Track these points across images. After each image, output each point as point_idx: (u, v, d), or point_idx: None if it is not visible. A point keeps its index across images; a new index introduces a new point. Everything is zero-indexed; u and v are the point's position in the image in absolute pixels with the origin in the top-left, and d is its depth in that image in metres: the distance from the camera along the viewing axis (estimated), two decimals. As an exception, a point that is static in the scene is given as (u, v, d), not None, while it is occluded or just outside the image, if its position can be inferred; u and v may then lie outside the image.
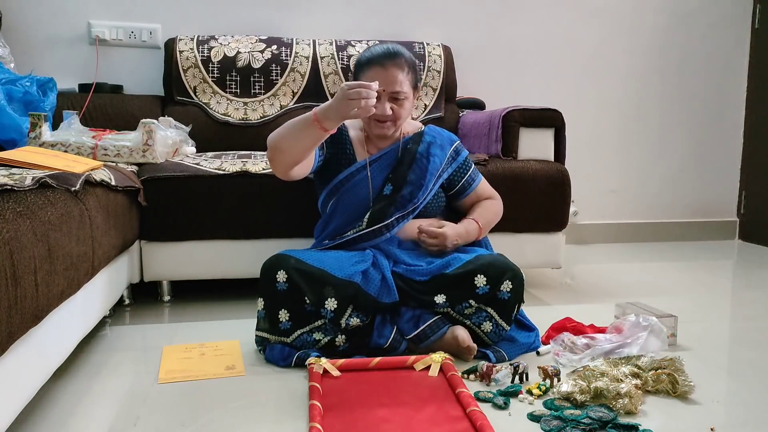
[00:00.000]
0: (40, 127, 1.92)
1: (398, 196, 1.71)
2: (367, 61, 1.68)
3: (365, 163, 1.74)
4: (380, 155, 1.75)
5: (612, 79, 3.25)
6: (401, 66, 1.67)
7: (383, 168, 1.74)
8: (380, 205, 1.70)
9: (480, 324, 1.57)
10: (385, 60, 1.66)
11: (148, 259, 2.01)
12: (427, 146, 1.77)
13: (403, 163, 1.74)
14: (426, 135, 1.80)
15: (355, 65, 1.74)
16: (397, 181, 1.72)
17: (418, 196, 1.71)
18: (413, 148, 1.76)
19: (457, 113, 2.76)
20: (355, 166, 1.74)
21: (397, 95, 1.67)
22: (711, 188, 3.45)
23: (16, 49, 2.52)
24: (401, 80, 1.67)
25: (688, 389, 1.34)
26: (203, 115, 2.52)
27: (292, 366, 1.48)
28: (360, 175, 1.73)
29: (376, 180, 1.73)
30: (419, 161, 1.74)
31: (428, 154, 1.76)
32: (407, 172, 1.73)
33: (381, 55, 1.67)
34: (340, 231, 1.72)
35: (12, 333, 0.95)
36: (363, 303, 1.51)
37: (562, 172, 2.23)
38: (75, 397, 1.33)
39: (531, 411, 1.26)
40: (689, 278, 2.57)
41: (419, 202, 1.72)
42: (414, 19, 2.95)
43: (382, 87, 1.64)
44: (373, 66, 1.66)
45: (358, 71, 1.71)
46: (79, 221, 1.28)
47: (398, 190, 1.71)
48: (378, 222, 1.69)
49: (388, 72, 1.65)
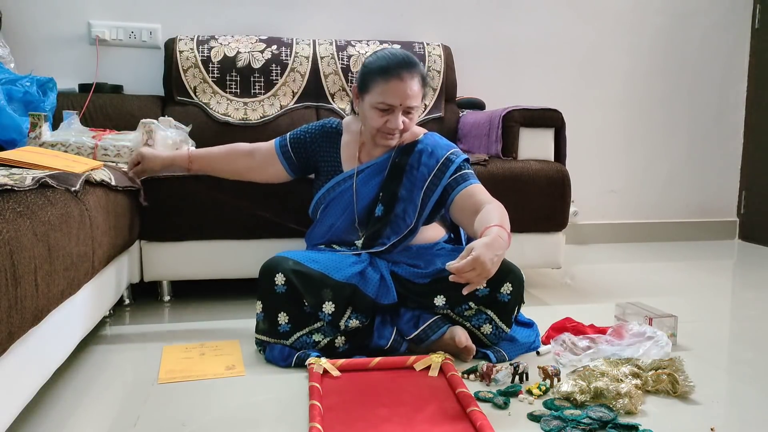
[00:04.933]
0: (40, 127, 1.92)
1: (392, 216, 1.65)
2: (384, 71, 1.57)
3: (353, 173, 1.70)
4: (368, 165, 1.70)
5: (612, 79, 3.25)
6: (418, 78, 1.59)
7: (370, 178, 1.69)
8: (374, 228, 1.66)
9: (480, 326, 1.56)
10: (403, 72, 1.56)
11: (148, 259, 2.01)
12: (418, 155, 1.67)
13: (391, 178, 1.67)
14: (419, 143, 1.69)
15: (366, 70, 1.63)
16: (388, 200, 1.65)
17: (411, 214, 1.64)
18: (403, 161, 1.67)
19: (457, 113, 2.76)
20: (342, 176, 1.70)
21: (410, 109, 1.60)
22: (711, 188, 3.45)
23: (16, 49, 2.52)
24: (417, 93, 1.59)
25: (688, 389, 1.34)
26: (203, 115, 2.52)
27: (292, 366, 1.48)
28: (345, 185, 1.69)
29: (363, 190, 1.68)
30: (409, 173, 1.66)
31: (419, 164, 1.66)
32: (398, 187, 1.66)
33: (399, 65, 1.57)
34: (328, 240, 1.71)
35: (12, 333, 0.95)
36: (362, 304, 1.51)
37: (562, 172, 2.23)
38: (75, 397, 1.33)
39: (531, 411, 1.26)
40: (689, 278, 2.57)
41: (411, 221, 1.64)
42: (414, 19, 2.95)
43: (399, 101, 1.57)
44: (391, 78, 1.56)
45: (370, 78, 1.60)
46: (79, 221, 1.28)
47: (391, 210, 1.65)
48: (372, 246, 1.65)
49: (406, 85, 1.56)
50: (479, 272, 1.30)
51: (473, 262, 1.29)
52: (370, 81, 1.61)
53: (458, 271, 1.30)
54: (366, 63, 1.66)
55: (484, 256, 1.30)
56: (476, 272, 1.30)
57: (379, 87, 1.58)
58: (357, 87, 1.67)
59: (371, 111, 1.62)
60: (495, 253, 1.33)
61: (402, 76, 1.57)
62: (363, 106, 1.65)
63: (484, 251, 1.30)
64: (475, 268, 1.29)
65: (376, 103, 1.59)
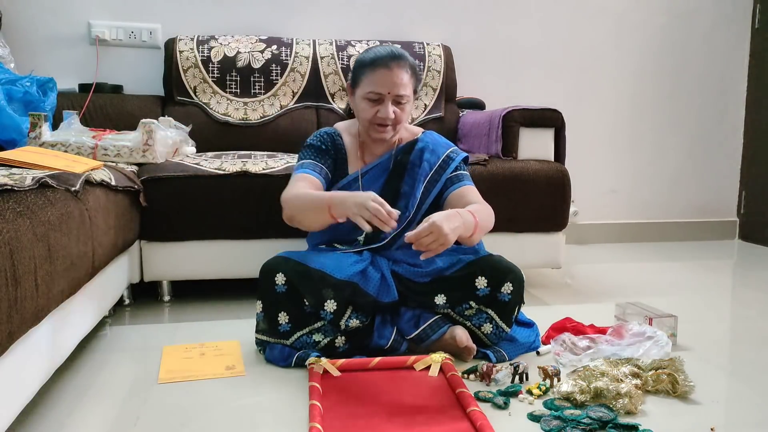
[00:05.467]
0: (40, 127, 1.92)
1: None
2: (372, 62, 1.63)
3: (357, 175, 1.71)
4: (372, 166, 1.72)
5: (612, 79, 3.25)
6: (406, 69, 1.64)
7: (375, 178, 1.71)
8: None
9: (480, 325, 1.56)
10: (390, 62, 1.62)
11: (148, 259, 2.01)
12: (419, 153, 1.72)
13: (394, 176, 1.70)
14: (419, 142, 1.74)
15: (356, 65, 1.69)
16: (391, 196, 1.66)
17: (410, 207, 1.66)
18: (405, 159, 1.71)
19: (457, 113, 2.76)
20: (347, 179, 1.71)
21: (400, 99, 1.64)
22: (711, 188, 3.45)
23: (16, 49, 2.52)
24: (406, 83, 1.63)
25: (688, 389, 1.34)
26: (203, 115, 2.52)
27: (292, 366, 1.48)
28: (352, 188, 1.69)
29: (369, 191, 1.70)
30: (411, 170, 1.70)
31: (420, 161, 1.70)
32: (400, 184, 1.69)
33: (386, 56, 1.63)
34: (330, 240, 1.71)
35: (12, 333, 0.95)
36: (362, 303, 1.51)
37: (562, 172, 2.23)
38: (75, 397, 1.33)
39: (531, 411, 1.26)
40: (689, 278, 2.57)
41: (410, 212, 1.67)
42: (414, 19, 2.95)
43: (387, 90, 1.61)
44: (378, 67, 1.62)
45: (360, 71, 1.66)
46: (79, 221, 1.28)
47: (393, 206, 1.62)
48: (375, 240, 1.65)
49: (394, 74, 1.61)
50: (436, 238, 1.38)
51: (429, 226, 1.38)
52: (360, 74, 1.66)
53: (417, 237, 1.39)
54: (357, 59, 1.71)
55: (440, 222, 1.39)
56: (433, 237, 1.38)
57: (367, 78, 1.63)
58: (350, 83, 1.72)
59: (362, 103, 1.65)
60: (452, 225, 1.41)
61: (389, 66, 1.62)
62: (355, 101, 1.69)
63: (440, 219, 1.40)
64: (432, 233, 1.38)
65: (366, 93, 1.64)
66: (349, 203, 1.43)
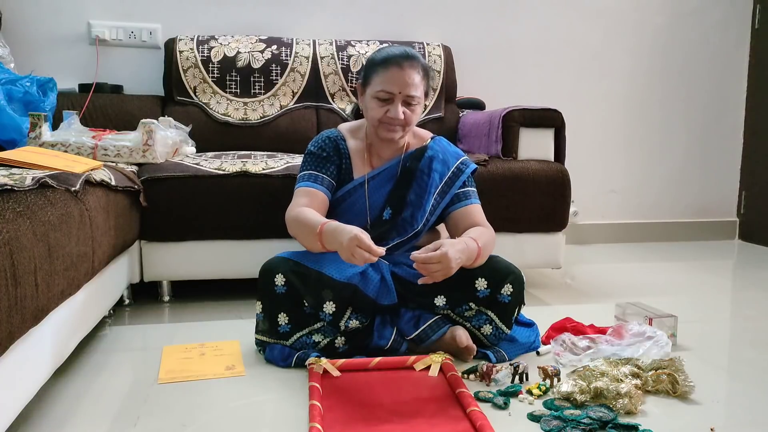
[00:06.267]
0: (40, 127, 1.92)
1: (399, 219, 1.65)
2: (384, 61, 1.60)
3: (363, 180, 1.68)
4: (379, 172, 1.69)
5: (612, 79, 3.25)
6: (418, 70, 1.60)
7: (382, 184, 1.68)
8: (381, 230, 1.65)
9: (480, 326, 1.56)
10: (403, 61, 1.59)
11: (148, 259, 2.01)
12: (429, 161, 1.67)
13: (402, 183, 1.67)
14: (429, 149, 1.70)
15: (368, 63, 1.65)
16: (396, 204, 1.65)
17: (419, 219, 1.64)
18: (413, 165, 1.67)
19: (457, 113, 2.76)
20: (353, 184, 1.68)
21: (411, 99, 1.60)
22: (711, 188, 3.46)
23: (16, 49, 2.52)
24: (417, 84, 1.60)
25: (688, 389, 1.34)
26: (203, 115, 2.52)
27: (292, 366, 1.48)
28: (357, 193, 1.68)
29: (375, 197, 1.67)
30: (419, 178, 1.66)
31: (429, 170, 1.67)
32: (407, 192, 1.66)
33: (399, 55, 1.60)
34: None
35: (12, 333, 0.95)
36: (362, 304, 1.51)
37: (562, 172, 2.23)
38: (75, 397, 1.33)
39: (531, 411, 1.26)
40: (689, 278, 2.57)
41: (418, 225, 1.65)
42: (414, 19, 2.95)
43: (398, 89, 1.59)
44: (390, 66, 1.59)
45: (372, 69, 1.62)
46: (79, 221, 1.28)
47: (398, 213, 1.65)
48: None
49: (405, 73, 1.58)
50: (442, 268, 1.39)
51: (441, 256, 1.37)
52: (371, 72, 1.63)
53: (426, 261, 1.38)
54: (369, 57, 1.68)
55: (452, 254, 1.39)
56: (440, 266, 1.38)
57: (379, 77, 1.60)
58: (360, 81, 1.69)
59: (372, 101, 1.63)
60: (459, 259, 1.42)
61: (402, 65, 1.59)
62: (365, 99, 1.66)
63: (452, 250, 1.40)
64: (441, 262, 1.38)
65: (377, 92, 1.61)
66: (336, 244, 1.41)
